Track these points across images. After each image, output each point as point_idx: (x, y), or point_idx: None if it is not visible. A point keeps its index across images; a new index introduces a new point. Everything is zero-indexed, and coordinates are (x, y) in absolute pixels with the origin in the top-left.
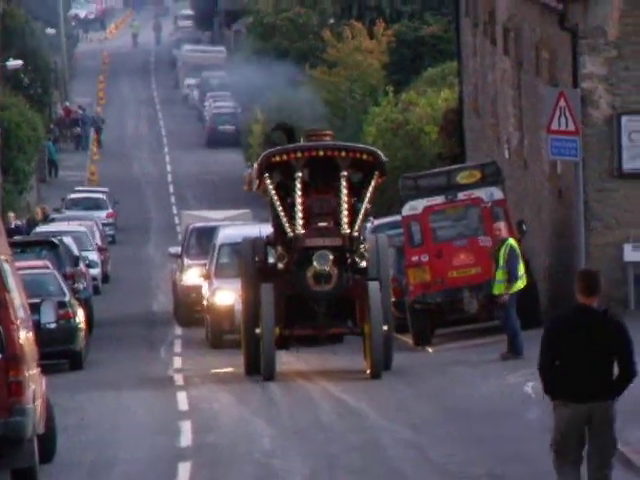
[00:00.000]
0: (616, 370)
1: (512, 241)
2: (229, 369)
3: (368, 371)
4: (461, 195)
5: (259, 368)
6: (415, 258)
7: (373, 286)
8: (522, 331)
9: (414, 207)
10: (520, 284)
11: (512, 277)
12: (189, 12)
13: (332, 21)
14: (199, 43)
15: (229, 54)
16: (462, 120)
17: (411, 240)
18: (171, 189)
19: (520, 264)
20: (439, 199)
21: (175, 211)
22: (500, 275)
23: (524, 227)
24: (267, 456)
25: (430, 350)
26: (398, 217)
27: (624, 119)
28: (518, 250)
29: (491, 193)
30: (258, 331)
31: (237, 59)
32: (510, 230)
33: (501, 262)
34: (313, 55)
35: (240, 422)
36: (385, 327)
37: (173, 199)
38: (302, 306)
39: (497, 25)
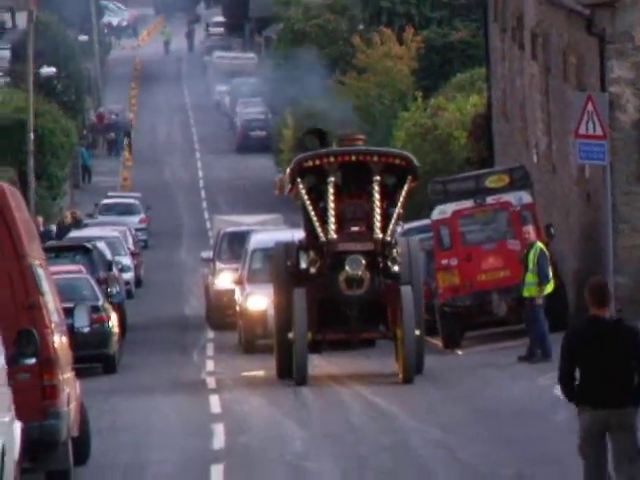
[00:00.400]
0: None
1: (541, 244)
2: (260, 372)
3: (400, 375)
4: (490, 199)
5: (291, 372)
6: (444, 261)
7: (406, 290)
8: (550, 334)
9: (443, 211)
10: (549, 287)
11: (543, 279)
12: (220, 19)
13: (362, 27)
14: (230, 50)
15: (260, 60)
16: (491, 125)
17: (440, 244)
18: (203, 194)
19: (549, 267)
20: (468, 203)
21: (207, 216)
22: (530, 278)
23: (552, 231)
24: (299, 458)
25: (460, 353)
26: (427, 221)
27: None
28: (547, 253)
29: (520, 197)
30: (291, 335)
31: (268, 65)
32: (538, 234)
33: (531, 265)
34: (343, 61)
35: (272, 424)
36: (417, 331)
37: (205, 204)
38: (334, 310)
39: (525, 30)
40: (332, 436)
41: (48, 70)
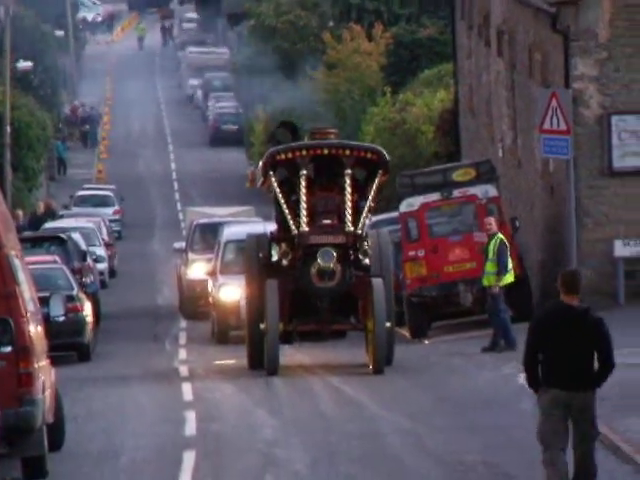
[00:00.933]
0: (597, 363)
1: (502, 235)
2: (232, 361)
3: (371, 366)
4: (456, 192)
5: (262, 363)
6: (412, 253)
7: (377, 283)
8: (515, 324)
9: (411, 204)
10: (509, 277)
11: (502, 269)
12: (193, 15)
13: (332, 24)
14: (203, 45)
15: (232, 56)
16: (457, 120)
17: (408, 236)
18: (175, 186)
19: (509, 258)
20: (435, 196)
21: (179, 208)
22: (490, 267)
23: (517, 223)
24: (269, 445)
25: (426, 342)
26: (396, 214)
27: (614, 119)
28: (507, 244)
29: (486, 190)
30: (262, 326)
31: (239, 60)
32: (503, 226)
33: (490, 255)
34: (313, 57)
35: (243, 412)
36: (388, 324)
37: (177, 196)
38: (305, 302)
39: (491, 28)
40: (302, 424)
41: (25, 64)
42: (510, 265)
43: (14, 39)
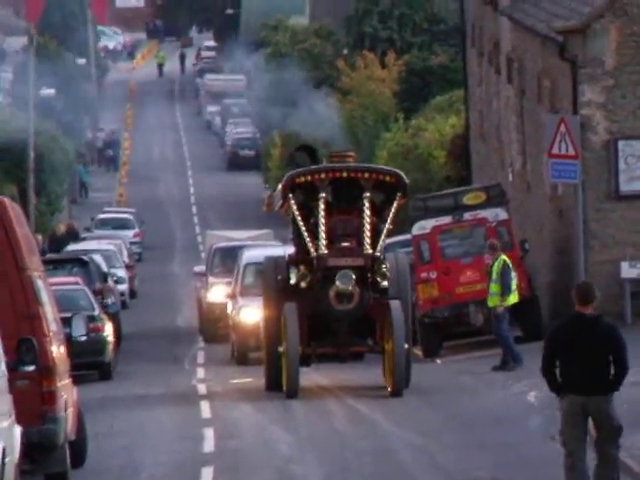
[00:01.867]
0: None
1: (505, 257)
2: (249, 379)
3: (389, 389)
4: (467, 215)
5: (280, 385)
6: (424, 275)
7: (395, 305)
8: (524, 344)
9: (423, 227)
10: (513, 298)
11: (506, 290)
12: (212, 43)
13: (346, 52)
14: (221, 72)
15: (249, 82)
16: (468, 145)
17: (421, 258)
18: (194, 210)
19: (513, 279)
20: (447, 219)
21: (198, 231)
22: (494, 288)
23: (527, 246)
24: (285, 461)
25: (438, 361)
26: (408, 236)
27: (621, 144)
28: (511, 265)
29: (496, 214)
30: (281, 349)
31: (256, 87)
32: (513, 248)
33: (494, 276)
34: (328, 84)
35: (259, 430)
36: (406, 346)
37: (196, 219)
38: (324, 324)
39: (501, 55)
40: (316, 440)
41: (48, 91)
42: (514, 286)
43: (37, 67)
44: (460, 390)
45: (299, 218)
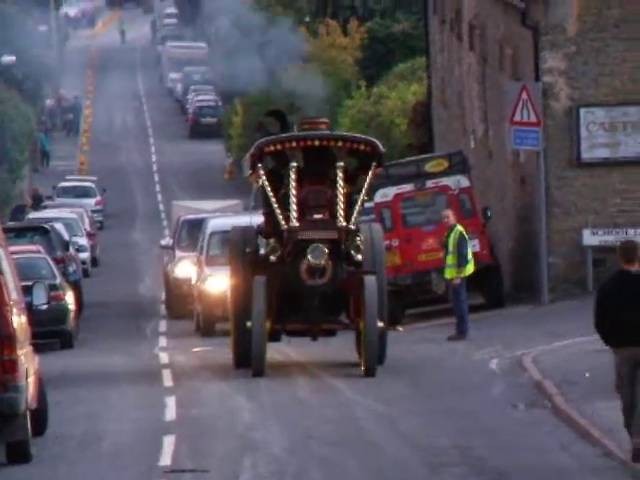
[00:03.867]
0: None
1: (460, 228)
2: (209, 348)
3: (362, 368)
4: (429, 183)
5: (249, 361)
6: (386, 242)
7: (369, 280)
8: (486, 311)
9: (385, 194)
10: (470, 268)
11: (462, 261)
12: (173, 10)
13: (308, 19)
14: (182, 40)
15: (210, 50)
16: (430, 112)
17: (383, 225)
18: (156, 178)
19: (469, 248)
20: (409, 187)
21: (160, 199)
22: (450, 260)
23: (489, 213)
24: (247, 429)
25: (400, 329)
26: (370, 204)
27: (582, 111)
28: (466, 235)
29: (458, 181)
30: (248, 324)
31: (218, 54)
32: (475, 215)
33: (451, 247)
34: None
35: (222, 398)
36: (380, 323)
37: (158, 187)
38: (294, 300)
39: (463, 22)
40: (280, 409)
41: (8, 59)
42: (470, 255)
43: None
44: (422, 358)
45: (269, 189)
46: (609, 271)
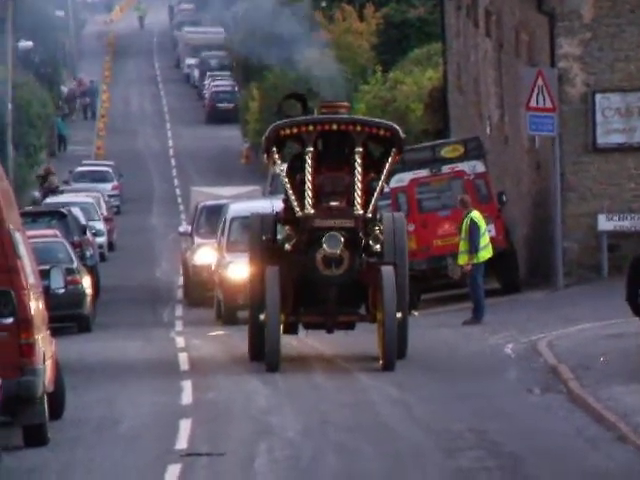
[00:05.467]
0: None
1: (474, 214)
2: (225, 332)
3: (380, 362)
4: (445, 168)
5: (263, 355)
6: None
7: (387, 271)
8: (502, 296)
9: (401, 179)
10: (485, 254)
11: (472, 248)
12: None
13: (324, 4)
14: (199, 25)
15: (227, 35)
16: (446, 98)
17: (398, 210)
18: (173, 163)
19: (481, 236)
20: (424, 172)
21: (176, 183)
22: (463, 246)
23: (504, 198)
24: (263, 413)
25: (416, 314)
26: (386, 189)
27: (598, 97)
28: (480, 222)
29: (473, 166)
30: (262, 317)
31: (235, 40)
32: (491, 200)
33: (463, 234)
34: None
35: (237, 382)
36: (399, 314)
37: (175, 172)
38: (311, 291)
39: (479, 8)
40: (295, 393)
41: (26, 44)
42: (484, 242)
43: (15, 19)
44: (438, 343)
45: (284, 174)
46: (624, 256)
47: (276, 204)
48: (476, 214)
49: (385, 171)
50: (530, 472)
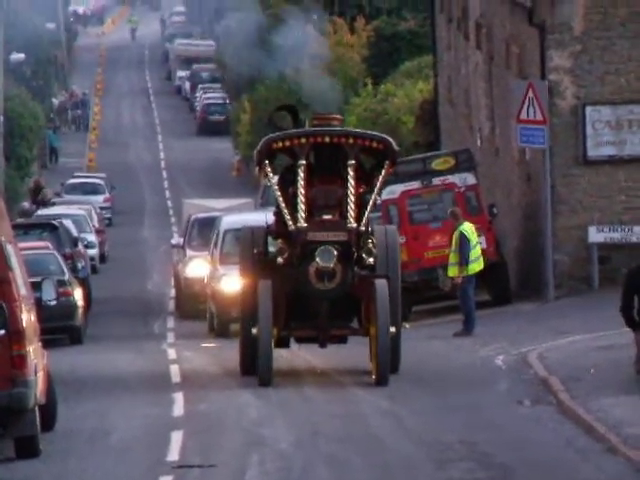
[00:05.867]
0: None
1: (465, 226)
2: (217, 345)
3: (374, 376)
4: (436, 180)
5: (255, 369)
6: None
7: (380, 284)
8: (493, 308)
9: (392, 191)
10: (475, 267)
11: (462, 261)
12: (181, 8)
13: (315, 17)
14: (190, 37)
15: (218, 48)
16: (437, 110)
17: (389, 222)
18: (164, 175)
19: (472, 249)
20: (415, 184)
21: (168, 195)
22: (452, 258)
23: (495, 210)
24: (255, 425)
25: (407, 326)
26: (377, 201)
27: (588, 109)
28: (470, 235)
29: (464, 178)
30: (254, 331)
31: (226, 52)
32: (481, 213)
33: (453, 246)
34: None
35: (229, 393)
36: (393, 329)
37: (166, 184)
38: (303, 304)
39: (470, 21)
40: (287, 405)
41: (17, 56)
42: (475, 255)
43: (7, 32)
44: (428, 354)
45: (276, 187)
46: (614, 268)
47: (270, 217)
48: (467, 227)
49: (379, 184)
50: None
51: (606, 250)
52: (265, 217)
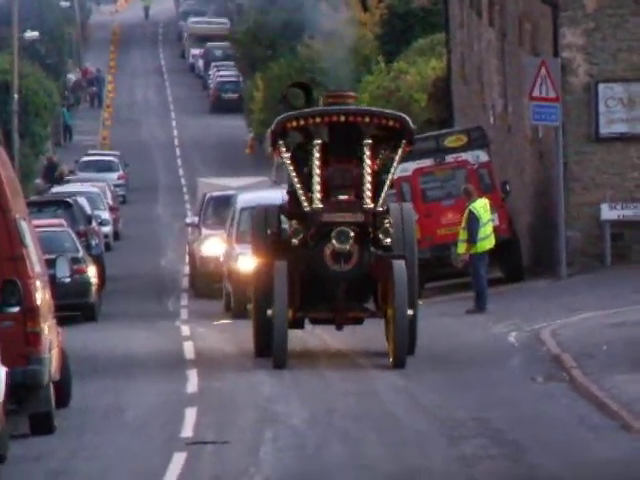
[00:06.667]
0: None
1: (476, 203)
2: (228, 321)
3: (390, 359)
4: (449, 158)
5: (270, 351)
6: None
7: (398, 266)
8: (505, 285)
9: (405, 169)
10: (485, 244)
11: (471, 239)
12: None
13: None
14: (204, 15)
15: (232, 25)
16: (450, 88)
17: (402, 200)
18: (178, 152)
19: (481, 227)
20: (428, 161)
21: (181, 173)
22: (462, 235)
23: (508, 187)
24: (268, 401)
25: (420, 303)
26: None
27: (601, 86)
28: (482, 213)
29: (477, 156)
30: (269, 313)
31: (240, 30)
32: (494, 190)
33: (463, 223)
34: (310, 27)
35: (243, 371)
36: (410, 311)
37: (180, 162)
38: (319, 286)
39: None
40: (301, 383)
41: (32, 34)
42: (485, 233)
43: (21, 10)
44: (441, 331)
45: (291, 167)
46: (627, 245)
47: (285, 195)
48: (478, 204)
49: (395, 163)
50: (533, 460)
51: (618, 227)
52: (281, 195)
